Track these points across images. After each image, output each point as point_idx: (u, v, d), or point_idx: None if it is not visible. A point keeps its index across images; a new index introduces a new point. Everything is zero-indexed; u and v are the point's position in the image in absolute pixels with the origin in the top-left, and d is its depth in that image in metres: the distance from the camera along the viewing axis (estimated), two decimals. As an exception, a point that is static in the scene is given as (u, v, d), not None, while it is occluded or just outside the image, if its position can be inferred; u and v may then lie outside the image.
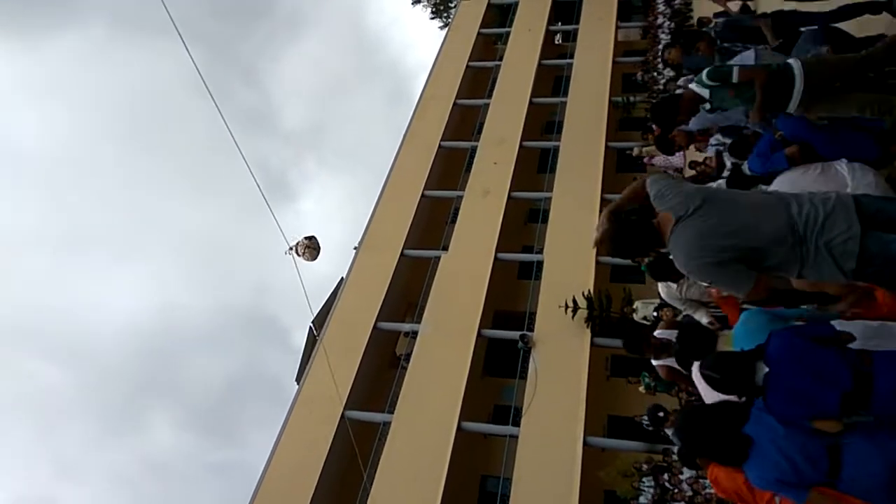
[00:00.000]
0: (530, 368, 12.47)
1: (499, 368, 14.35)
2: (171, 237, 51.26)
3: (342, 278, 15.66)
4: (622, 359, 13.15)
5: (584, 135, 16.80)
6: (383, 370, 14.87)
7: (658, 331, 5.19)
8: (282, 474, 12.19)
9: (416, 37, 67.17)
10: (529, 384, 12.21)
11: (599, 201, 14.81)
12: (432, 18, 32.73)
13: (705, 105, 3.95)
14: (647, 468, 9.69)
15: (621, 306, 12.31)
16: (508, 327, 13.64)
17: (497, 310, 14.71)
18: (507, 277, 15.55)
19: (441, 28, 22.86)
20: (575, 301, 12.67)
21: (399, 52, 64.52)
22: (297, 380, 15.49)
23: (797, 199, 2.52)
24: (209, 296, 52.07)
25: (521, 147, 17.11)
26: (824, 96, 3.59)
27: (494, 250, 14.72)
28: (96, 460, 41.03)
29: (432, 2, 31.85)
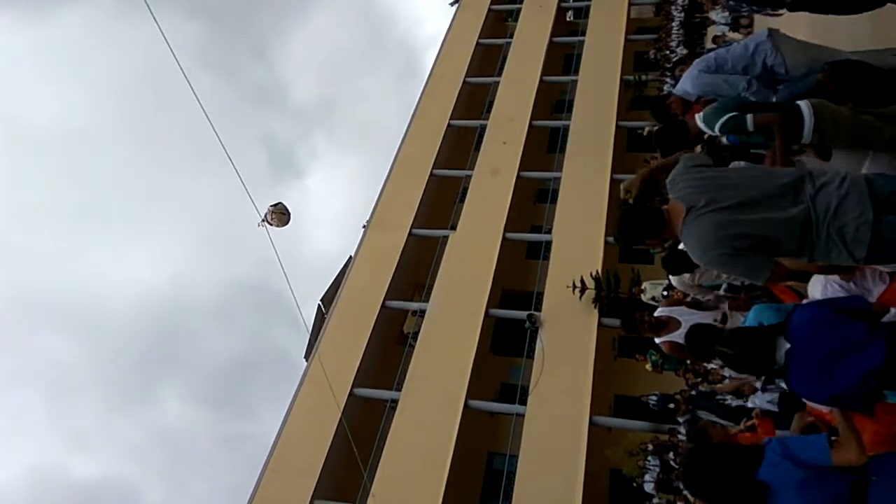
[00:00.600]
0: (537, 348, 12.52)
1: (506, 347, 14.40)
2: (178, 212, 51.49)
3: (350, 257, 15.71)
4: (629, 339, 13.17)
5: (595, 114, 16.65)
6: (391, 348, 14.97)
7: (659, 309, 5.20)
8: (291, 450, 12.35)
9: (427, 10, 66.31)
10: (536, 363, 12.27)
11: (609, 181, 14.72)
12: (443, -6, 32.38)
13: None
14: (652, 448, 9.75)
15: (629, 287, 12.29)
16: (516, 307, 13.67)
17: (505, 289, 14.73)
18: (515, 257, 15.53)
19: (451, 4, 22.53)
20: (583, 281, 12.66)
21: (409, 25, 63.89)
22: (306, 357, 15.64)
23: (812, 181, 2.46)
24: (217, 270, 52.42)
25: (530, 126, 16.99)
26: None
27: (503, 230, 14.69)
28: (108, 432, 41.72)
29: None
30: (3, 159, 46.49)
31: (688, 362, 7.75)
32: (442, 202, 16.68)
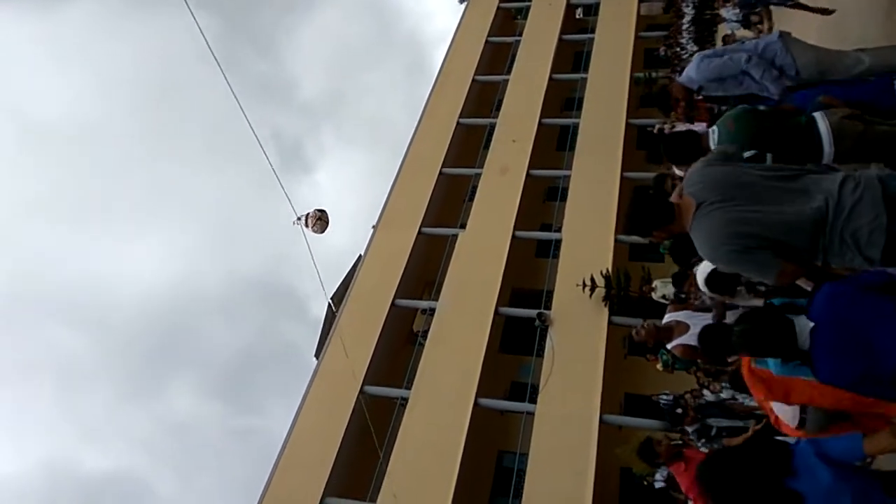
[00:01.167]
0: (547, 346, 12.52)
1: (516, 346, 14.40)
2: (190, 206, 51.70)
3: (360, 255, 15.75)
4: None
5: (605, 111, 16.61)
6: (401, 346, 15.01)
7: (666, 316, 5.17)
8: (302, 447, 12.41)
9: (436, 5, 66.14)
10: (546, 361, 12.27)
11: (619, 179, 14.68)
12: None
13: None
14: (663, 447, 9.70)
15: (640, 285, 12.26)
16: (526, 305, 13.67)
17: (514, 287, 14.73)
18: (524, 255, 15.53)
19: (461, 2, 22.51)
20: (593, 279, 12.65)
21: (418, 20, 63.83)
22: (317, 355, 15.70)
23: (826, 182, 2.42)
24: (228, 265, 52.64)
25: (540, 124, 16.96)
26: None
27: (512, 228, 14.70)
28: (119, 424, 42.02)
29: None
30: (11, 152, 46.69)
31: (699, 361, 7.73)
32: (451, 201, 16.69)
